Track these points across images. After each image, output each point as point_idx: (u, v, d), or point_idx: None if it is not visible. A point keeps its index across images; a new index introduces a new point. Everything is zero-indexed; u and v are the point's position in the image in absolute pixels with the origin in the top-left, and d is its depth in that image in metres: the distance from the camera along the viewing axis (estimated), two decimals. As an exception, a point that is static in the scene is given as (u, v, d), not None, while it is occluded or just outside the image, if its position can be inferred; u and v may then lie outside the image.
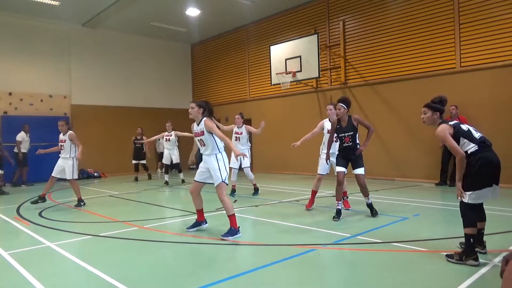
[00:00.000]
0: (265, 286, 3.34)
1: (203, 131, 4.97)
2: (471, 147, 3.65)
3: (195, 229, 5.35)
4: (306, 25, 12.83)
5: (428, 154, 9.96)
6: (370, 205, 5.99)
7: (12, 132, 12.06)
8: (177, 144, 11.28)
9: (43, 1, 11.87)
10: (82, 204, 7.53)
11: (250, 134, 8.66)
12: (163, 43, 16.75)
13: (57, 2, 12.00)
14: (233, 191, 8.56)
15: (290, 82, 11.68)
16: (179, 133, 10.72)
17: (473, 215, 3.64)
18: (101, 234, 5.22)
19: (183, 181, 11.30)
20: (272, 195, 8.53)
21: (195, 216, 5.52)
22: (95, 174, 14.08)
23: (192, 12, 13.28)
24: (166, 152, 11.20)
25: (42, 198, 7.65)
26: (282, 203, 7.55)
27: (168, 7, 12.87)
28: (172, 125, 11.34)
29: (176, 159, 11.16)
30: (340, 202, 5.94)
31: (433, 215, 6.23)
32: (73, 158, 7.50)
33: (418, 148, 10.24)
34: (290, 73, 11.51)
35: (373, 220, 5.71)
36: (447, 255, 3.79)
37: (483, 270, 3.47)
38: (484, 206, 3.88)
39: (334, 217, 5.80)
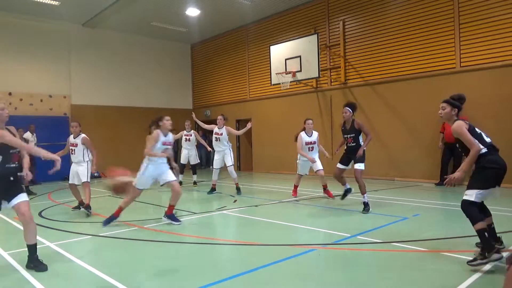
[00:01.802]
0: (265, 286, 3.34)
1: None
2: (481, 149, 3.72)
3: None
4: (306, 25, 12.83)
5: (428, 154, 9.95)
6: (364, 203, 6.35)
7: (12, 132, 12.05)
8: (195, 143, 10.75)
9: (43, 1, 11.87)
10: (89, 210, 6.75)
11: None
12: (163, 43, 16.74)
13: (57, 2, 11.99)
14: (212, 189, 8.91)
15: (290, 82, 11.67)
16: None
17: (477, 211, 3.68)
18: (101, 234, 5.22)
19: (195, 183, 10.81)
20: (272, 195, 8.53)
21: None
22: (95, 174, 14.00)
23: (192, 12, 13.28)
24: (184, 152, 10.63)
25: (81, 204, 6.99)
26: (282, 203, 7.55)
27: (168, 7, 12.87)
28: (191, 124, 10.94)
29: (194, 159, 10.70)
30: (365, 195, 6.37)
31: (433, 215, 6.23)
32: (87, 162, 6.91)
33: (418, 148, 10.23)
34: (290, 73, 11.51)
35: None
36: (468, 262, 3.55)
37: (483, 269, 3.46)
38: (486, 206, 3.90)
39: (362, 212, 6.28)
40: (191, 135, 10.57)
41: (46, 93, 13.60)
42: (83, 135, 6.92)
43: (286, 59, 11.65)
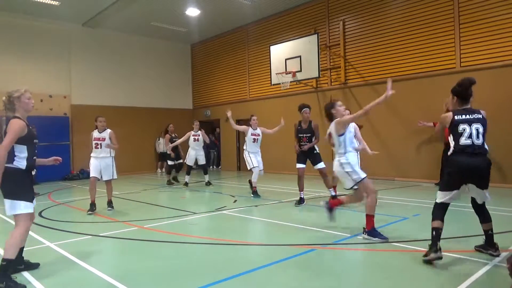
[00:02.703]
0: (265, 286, 3.34)
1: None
2: (451, 149, 3.81)
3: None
4: (306, 25, 12.83)
5: (428, 154, 9.96)
6: (333, 196, 6.88)
7: (12, 132, 12.06)
8: (203, 144, 10.64)
9: (43, 1, 11.87)
10: (112, 207, 7.06)
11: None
12: (163, 43, 16.74)
13: (57, 2, 12.00)
14: (254, 192, 8.39)
15: (290, 82, 11.68)
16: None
17: (439, 212, 3.81)
18: (101, 234, 5.22)
19: (209, 183, 10.60)
20: (272, 195, 8.53)
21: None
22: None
23: (192, 12, 13.28)
24: (192, 152, 10.46)
25: (94, 204, 6.94)
26: (282, 203, 7.55)
27: (168, 7, 12.87)
28: (199, 124, 10.82)
29: (203, 160, 10.55)
30: (302, 192, 7.12)
31: (433, 215, 6.21)
32: (112, 157, 7.02)
33: (418, 148, 10.24)
34: (290, 73, 11.51)
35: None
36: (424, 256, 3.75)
37: (483, 270, 3.47)
38: (485, 206, 3.90)
39: (295, 204, 7.08)
40: (199, 135, 10.42)
41: (46, 93, 13.60)
42: (109, 130, 7.02)
43: (286, 59, 11.66)
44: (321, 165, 7.08)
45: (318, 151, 7.20)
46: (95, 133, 7.01)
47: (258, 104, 14.55)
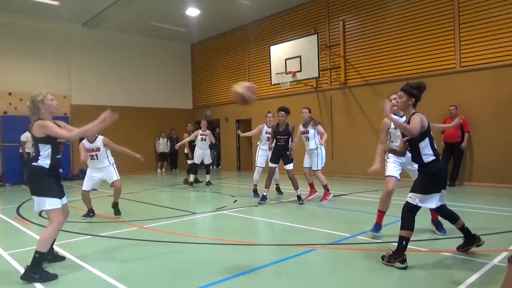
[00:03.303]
0: (265, 286, 3.34)
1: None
2: (430, 155, 3.62)
3: None
4: (306, 25, 12.83)
5: (428, 154, 9.95)
6: (298, 196, 7.26)
7: (12, 132, 12.07)
8: (209, 143, 10.49)
9: (43, 1, 11.87)
10: (119, 212, 6.56)
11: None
12: (163, 43, 16.74)
13: (57, 2, 12.00)
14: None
15: (290, 82, 11.67)
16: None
17: (413, 219, 3.65)
18: (101, 234, 5.22)
19: (209, 183, 10.59)
20: (272, 195, 8.53)
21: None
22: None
23: (192, 12, 13.28)
24: (199, 152, 10.35)
25: (91, 211, 6.53)
26: (282, 203, 7.55)
27: (168, 7, 12.87)
28: (207, 124, 10.66)
29: (208, 159, 10.53)
30: (267, 190, 7.44)
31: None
32: (112, 164, 6.49)
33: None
34: (290, 73, 11.51)
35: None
36: (382, 256, 3.74)
37: (483, 270, 3.47)
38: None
39: (259, 202, 7.40)
40: (206, 135, 10.35)
41: (46, 93, 13.58)
42: (101, 136, 6.46)
43: (286, 59, 11.66)
44: (289, 166, 7.32)
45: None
46: (86, 143, 6.27)
47: (258, 104, 14.48)
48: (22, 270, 3.77)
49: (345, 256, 4.15)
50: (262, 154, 8.59)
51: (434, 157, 3.62)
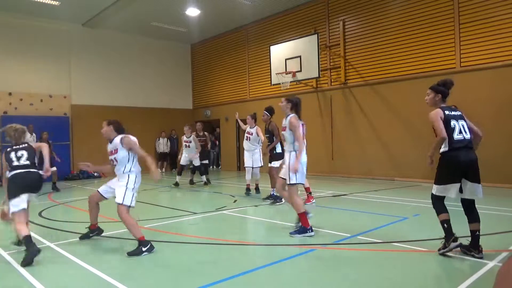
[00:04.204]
0: (265, 286, 3.34)
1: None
2: (444, 146, 3.83)
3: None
4: (306, 25, 12.83)
5: (428, 154, 9.95)
6: (273, 196, 7.40)
7: (12, 132, 12.05)
8: (196, 148, 10.30)
9: (43, 1, 11.87)
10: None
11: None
12: (163, 43, 16.75)
13: (57, 2, 12.00)
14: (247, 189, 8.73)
15: (290, 82, 11.68)
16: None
17: (440, 205, 3.89)
18: (101, 234, 5.21)
19: (206, 182, 10.54)
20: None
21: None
22: (95, 174, 14.07)
23: (192, 12, 13.28)
24: (185, 154, 10.44)
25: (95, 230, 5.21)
26: (282, 203, 7.54)
27: (168, 7, 12.87)
28: (191, 128, 10.55)
29: (197, 162, 10.41)
30: (273, 189, 7.43)
31: (433, 215, 6.14)
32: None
33: (418, 148, 10.22)
34: (290, 73, 11.51)
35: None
36: (438, 251, 3.88)
37: (483, 270, 3.47)
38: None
39: (270, 203, 7.38)
40: (190, 142, 10.28)
41: (46, 93, 13.60)
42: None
43: (286, 59, 11.65)
44: (271, 164, 7.47)
45: (278, 151, 7.44)
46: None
47: (258, 104, 14.52)
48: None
49: (345, 256, 4.15)
50: (245, 154, 8.62)
51: (446, 148, 3.80)
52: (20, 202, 4.17)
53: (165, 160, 16.11)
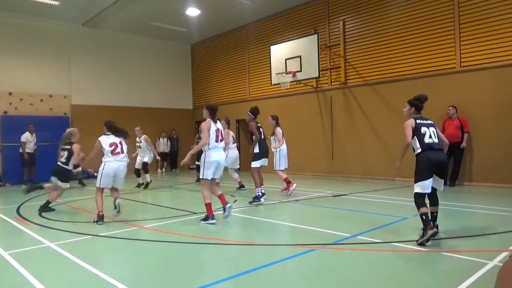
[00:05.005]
0: (265, 286, 3.34)
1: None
2: (417, 148, 4.54)
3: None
4: (306, 25, 12.83)
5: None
6: (257, 196, 7.50)
7: (13, 132, 12.08)
8: (148, 148, 10.37)
9: (43, 1, 11.87)
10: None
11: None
12: (163, 43, 16.75)
13: (57, 2, 12.00)
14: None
15: (290, 82, 11.67)
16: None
17: (421, 201, 4.39)
18: (101, 234, 5.22)
19: (147, 185, 10.42)
20: (272, 195, 8.53)
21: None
22: (95, 174, 14.05)
23: (192, 12, 13.28)
24: (138, 158, 10.51)
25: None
26: (282, 203, 7.54)
27: (168, 7, 12.87)
28: (142, 130, 10.58)
29: (147, 159, 10.38)
30: (258, 189, 7.59)
31: (433, 215, 6.22)
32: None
33: (418, 148, 10.23)
34: (290, 73, 11.50)
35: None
36: (417, 241, 4.26)
37: (483, 270, 3.47)
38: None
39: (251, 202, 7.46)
40: (141, 142, 10.32)
41: (46, 93, 13.60)
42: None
43: (286, 59, 11.65)
44: (252, 164, 7.74)
45: (256, 151, 7.75)
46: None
47: (258, 104, 14.41)
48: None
49: (345, 256, 4.15)
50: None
51: (419, 150, 4.54)
52: None
53: (165, 160, 16.11)
